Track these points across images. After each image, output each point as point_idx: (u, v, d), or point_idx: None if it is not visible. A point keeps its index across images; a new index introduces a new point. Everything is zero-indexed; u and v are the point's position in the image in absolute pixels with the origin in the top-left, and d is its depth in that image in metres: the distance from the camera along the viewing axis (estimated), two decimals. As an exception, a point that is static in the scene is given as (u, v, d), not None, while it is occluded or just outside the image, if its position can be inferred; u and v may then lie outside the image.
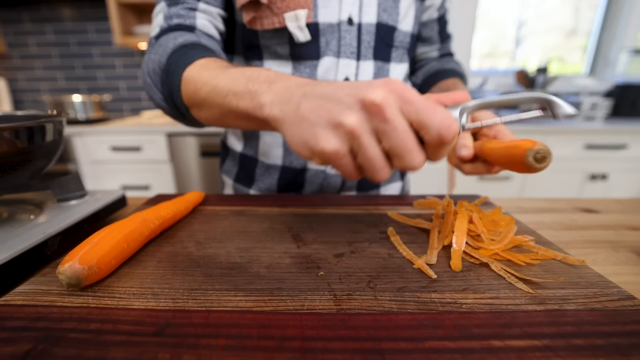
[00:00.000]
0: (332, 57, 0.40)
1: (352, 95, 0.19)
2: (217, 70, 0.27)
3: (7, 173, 0.25)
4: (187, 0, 0.36)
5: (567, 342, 0.16)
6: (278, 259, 0.24)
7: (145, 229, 0.25)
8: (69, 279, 0.19)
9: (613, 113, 1.43)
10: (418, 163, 0.19)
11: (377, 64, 0.42)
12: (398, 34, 0.43)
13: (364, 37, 0.40)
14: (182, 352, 0.15)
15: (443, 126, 0.18)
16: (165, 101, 0.33)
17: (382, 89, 0.18)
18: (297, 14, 0.36)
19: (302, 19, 0.36)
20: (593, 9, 1.55)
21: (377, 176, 0.19)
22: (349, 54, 0.40)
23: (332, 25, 0.39)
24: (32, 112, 0.33)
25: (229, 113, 0.26)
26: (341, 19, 0.39)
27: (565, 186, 1.30)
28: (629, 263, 0.26)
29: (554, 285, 0.21)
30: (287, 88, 0.22)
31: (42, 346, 0.16)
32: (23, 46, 1.60)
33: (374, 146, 0.19)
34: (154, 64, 0.33)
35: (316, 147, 0.19)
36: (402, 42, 0.44)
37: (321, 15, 0.38)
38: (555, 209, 0.37)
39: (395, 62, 0.45)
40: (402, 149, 0.18)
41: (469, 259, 0.24)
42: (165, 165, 1.30)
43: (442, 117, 0.18)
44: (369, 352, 0.15)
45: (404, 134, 0.18)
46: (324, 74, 0.40)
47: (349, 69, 0.41)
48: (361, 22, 0.39)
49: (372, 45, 0.41)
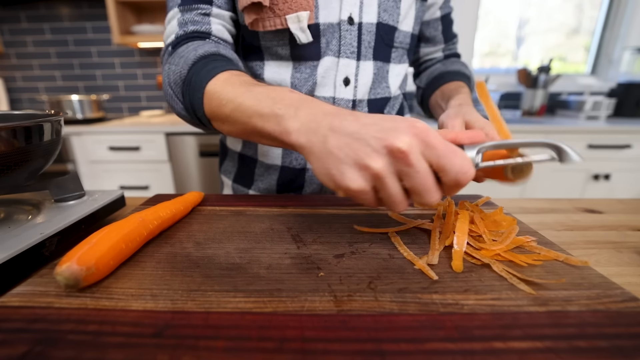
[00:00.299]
0: (332, 57, 0.40)
1: (379, 140, 0.20)
2: (242, 88, 0.27)
3: (5, 173, 0.25)
4: (201, 6, 0.36)
5: (570, 344, 0.16)
6: (278, 260, 0.24)
7: (144, 229, 0.25)
8: (67, 280, 0.19)
9: (616, 112, 1.43)
10: (435, 200, 0.21)
11: (377, 64, 0.42)
12: (398, 34, 0.42)
13: (364, 37, 0.40)
14: (181, 353, 0.15)
15: (461, 172, 0.20)
16: (187, 111, 0.33)
17: (407, 135, 0.20)
18: (299, 16, 0.36)
19: (304, 20, 0.36)
20: (596, 8, 1.55)
21: (395, 209, 0.22)
22: (349, 53, 0.40)
23: (332, 25, 0.38)
24: (29, 112, 0.33)
25: (254, 132, 0.27)
26: (342, 19, 0.38)
27: (568, 186, 1.30)
28: (632, 264, 0.26)
29: (557, 287, 0.20)
30: (313, 116, 0.23)
31: (39, 348, 0.16)
32: (20, 45, 1.60)
33: (396, 186, 0.21)
34: (174, 75, 0.33)
35: (342, 183, 0.21)
36: (402, 42, 0.44)
37: (322, 15, 0.38)
38: (558, 210, 0.37)
39: (394, 62, 0.45)
40: (422, 189, 0.20)
41: (470, 259, 0.24)
42: (164, 165, 1.30)
43: (461, 164, 0.20)
44: (369, 354, 0.15)
45: (425, 177, 0.20)
46: (324, 73, 0.40)
47: (348, 69, 0.41)
48: (362, 22, 0.39)
49: (372, 46, 0.41)
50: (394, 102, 0.48)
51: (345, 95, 0.41)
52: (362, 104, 0.43)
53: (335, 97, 0.41)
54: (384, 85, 0.45)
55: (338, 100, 0.42)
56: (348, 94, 0.41)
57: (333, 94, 0.41)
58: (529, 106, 1.50)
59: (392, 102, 0.47)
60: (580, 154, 0.21)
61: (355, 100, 0.42)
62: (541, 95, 1.47)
